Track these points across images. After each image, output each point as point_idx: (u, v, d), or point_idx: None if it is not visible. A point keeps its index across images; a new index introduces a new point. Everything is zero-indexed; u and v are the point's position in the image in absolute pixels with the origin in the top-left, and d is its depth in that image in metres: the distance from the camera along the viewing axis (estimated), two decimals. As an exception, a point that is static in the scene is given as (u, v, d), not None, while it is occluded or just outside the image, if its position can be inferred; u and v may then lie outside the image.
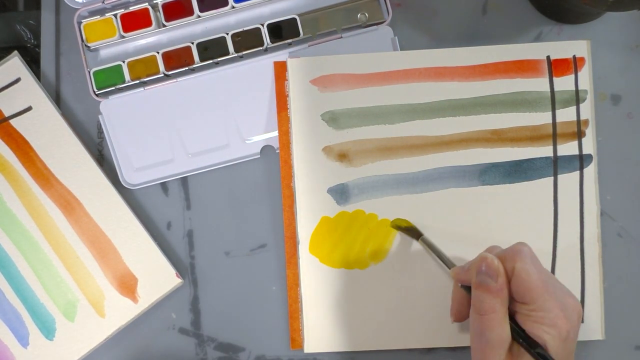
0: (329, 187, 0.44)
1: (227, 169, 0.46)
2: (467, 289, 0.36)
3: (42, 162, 0.46)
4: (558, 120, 0.44)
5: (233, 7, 0.45)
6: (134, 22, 0.46)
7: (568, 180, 0.44)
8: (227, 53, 0.45)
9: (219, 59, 0.45)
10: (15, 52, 0.47)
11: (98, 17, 0.46)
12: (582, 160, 0.44)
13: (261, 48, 0.45)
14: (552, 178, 0.44)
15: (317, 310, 0.43)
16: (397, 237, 0.43)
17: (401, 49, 0.46)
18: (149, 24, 0.45)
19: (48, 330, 0.44)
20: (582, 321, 0.42)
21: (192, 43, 0.45)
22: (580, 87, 0.44)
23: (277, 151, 0.45)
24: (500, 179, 0.44)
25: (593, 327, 0.43)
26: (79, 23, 0.46)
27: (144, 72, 0.46)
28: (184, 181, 0.47)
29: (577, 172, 0.44)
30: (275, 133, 0.45)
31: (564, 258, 0.43)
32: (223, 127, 0.46)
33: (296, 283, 0.44)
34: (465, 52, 0.44)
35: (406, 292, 0.43)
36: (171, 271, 0.45)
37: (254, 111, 0.46)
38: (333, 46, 0.46)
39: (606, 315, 0.43)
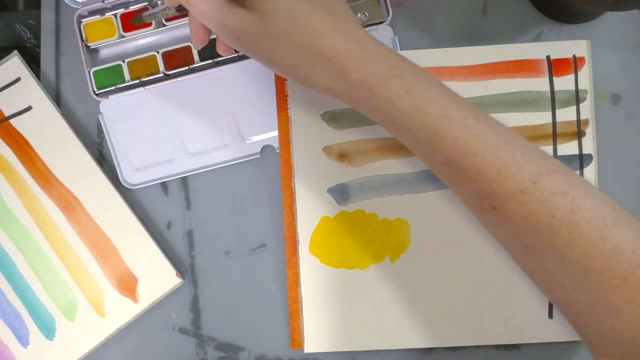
0: (329, 187, 0.44)
1: (227, 168, 0.46)
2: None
3: (42, 162, 0.46)
4: (558, 120, 0.44)
5: (233, 7, 0.45)
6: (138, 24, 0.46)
7: (568, 180, 0.44)
8: (227, 53, 0.45)
9: (219, 59, 0.45)
10: (15, 51, 0.47)
11: (98, 16, 0.46)
12: (582, 160, 0.44)
13: (261, 48, 0.45)
14: (552, 178, 0.44)
15: (317, 310, 0.43)
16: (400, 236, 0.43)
17: (401, 49, 0.46)
18: (149, 23, 0.45)
19: (48, 330, 0.44)
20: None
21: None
22: (580, 87, 0.44)
23: (277, 151, 0.45)
24: (500, 179, 0.44)
25: (593, 327, 0.43)
26: (79, 23, 0.46)
27: (144, 71, 0.46)
28: (183, 181, 0.47)
29: (577, 172, 0.44)
30: (275, 133, 0.45)
31: (564, 258, 0.43)
32: (223, 127, 0.46)
33: (296, 283, 0.44)
34: (465, 52, 0.44)
35: (406, 292, 0.43)
36: (171, 271, 0.45)
37: (254, 111, 0.46)
38: (333, 46, 0.46)
39: (606, 315, 0.43)
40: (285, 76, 0.37)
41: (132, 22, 0.44)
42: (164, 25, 0.46)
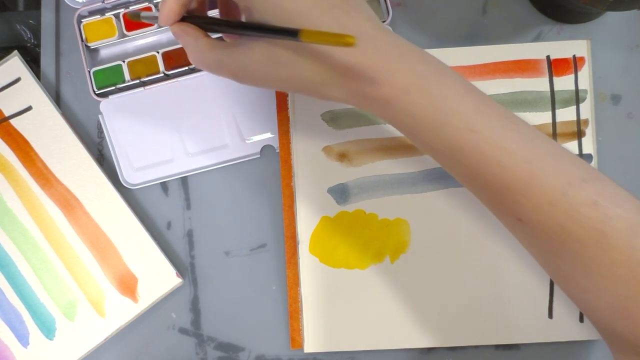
0: (329, 187, 0.44)
1: (227, 168, 0.46)
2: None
3: (42, 162, 0.46)
4: (558, 120, 0.44)
5: (233, 7, 0.45)
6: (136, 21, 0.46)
7: (568, 180, 0.44)
8: (227, 53, 0.45)
9: (219, 59, 0.45)
10: (15, 52, 0.47)
11: (98, 16, 0.46)
12: (582, 160, 0.44)
13: (261, 48, 0.45)
14: (552, 178, 0.44)
15: (317, 310, 0.43)
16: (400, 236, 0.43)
17: (401, 49, 0.45)
18: (151, 23, 0.45)
19: (48, 330, 0.44)
20: (582, 321, 0.42)
21: (192, 43, 0.45)
22: (580, 87, 0.44)
23: (277, 151, 0.45)
24: (500, 179, 0.44)
25: (593, 327, 0.43)
26: (79, 23, 0.46)
27: (144, 71, 0.46)
28: (183, 181, 0.47)
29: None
30: (275, 133, 0.45)
31: (564, 258, 0.43)
32: (223, 127, 0.46)
33: (296, 283, 0.44)
34: (465, 52, 0.44)
35: (406, 292, 0.43)
36: (171, 271, 0.45)
37: (254, 111, 0.46)
38: (333, 46, 0.46)
39: (606, 315, 0.43)
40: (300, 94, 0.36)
41: (129, 16, 0.44)
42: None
